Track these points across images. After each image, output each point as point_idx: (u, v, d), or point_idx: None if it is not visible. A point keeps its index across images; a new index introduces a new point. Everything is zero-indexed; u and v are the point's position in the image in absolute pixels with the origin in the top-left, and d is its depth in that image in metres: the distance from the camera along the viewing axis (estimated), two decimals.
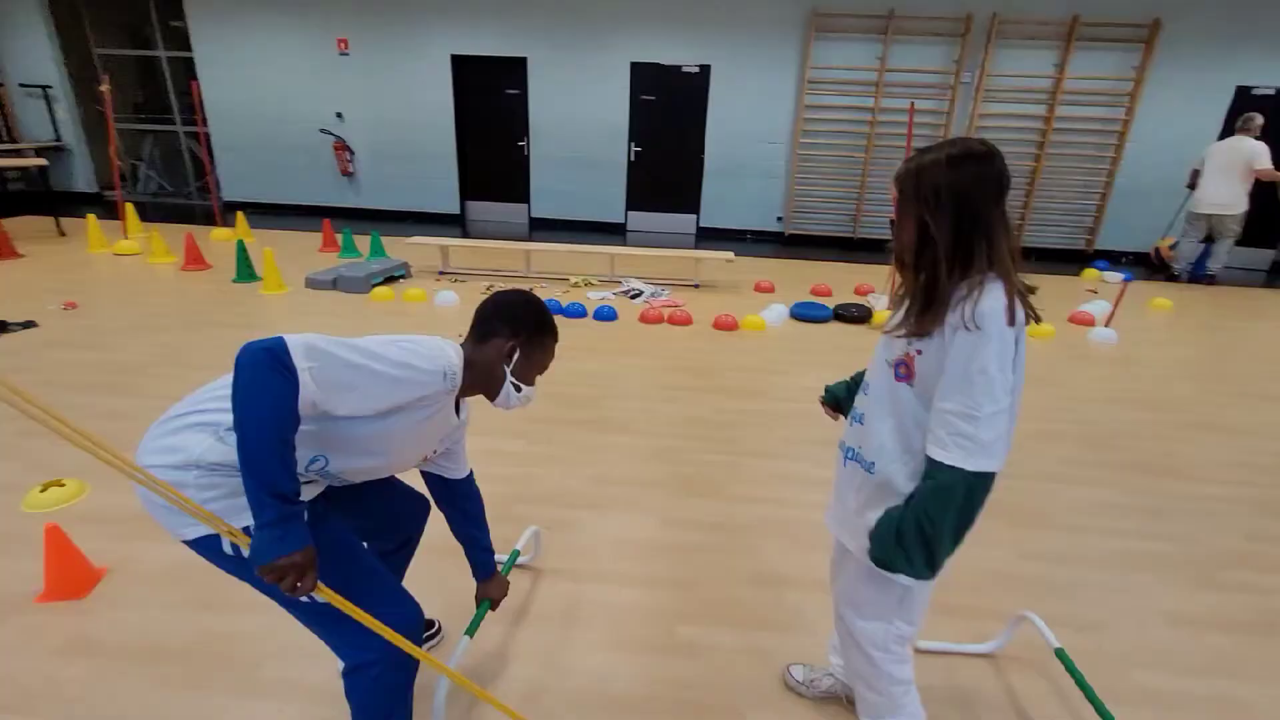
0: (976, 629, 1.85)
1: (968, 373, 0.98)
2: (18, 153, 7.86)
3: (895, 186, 1.09)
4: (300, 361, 0.97)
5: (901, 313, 1.12)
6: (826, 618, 1.87)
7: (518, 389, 1.28)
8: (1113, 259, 7.46)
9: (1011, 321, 0.97)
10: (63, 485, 2.28)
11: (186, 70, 8.29)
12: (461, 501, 1.50)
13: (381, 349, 1.08)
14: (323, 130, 8.02)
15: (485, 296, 1.35)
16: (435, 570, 1.81)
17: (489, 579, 1.55)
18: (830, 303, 5.07)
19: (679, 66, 7.46)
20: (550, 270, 5.79)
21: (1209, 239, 6.56)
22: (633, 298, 5.10)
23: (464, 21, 7.48)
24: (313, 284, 5.06)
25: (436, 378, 1.12)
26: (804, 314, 4.72)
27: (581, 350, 3.99)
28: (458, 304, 4.75)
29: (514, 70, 7.65)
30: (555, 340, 1.35)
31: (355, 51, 7.71)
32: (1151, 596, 2.05)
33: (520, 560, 2.01)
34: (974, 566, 2.13)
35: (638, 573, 2.03)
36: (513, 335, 1.25)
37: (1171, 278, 6.75)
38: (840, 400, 1.44)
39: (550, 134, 7.87)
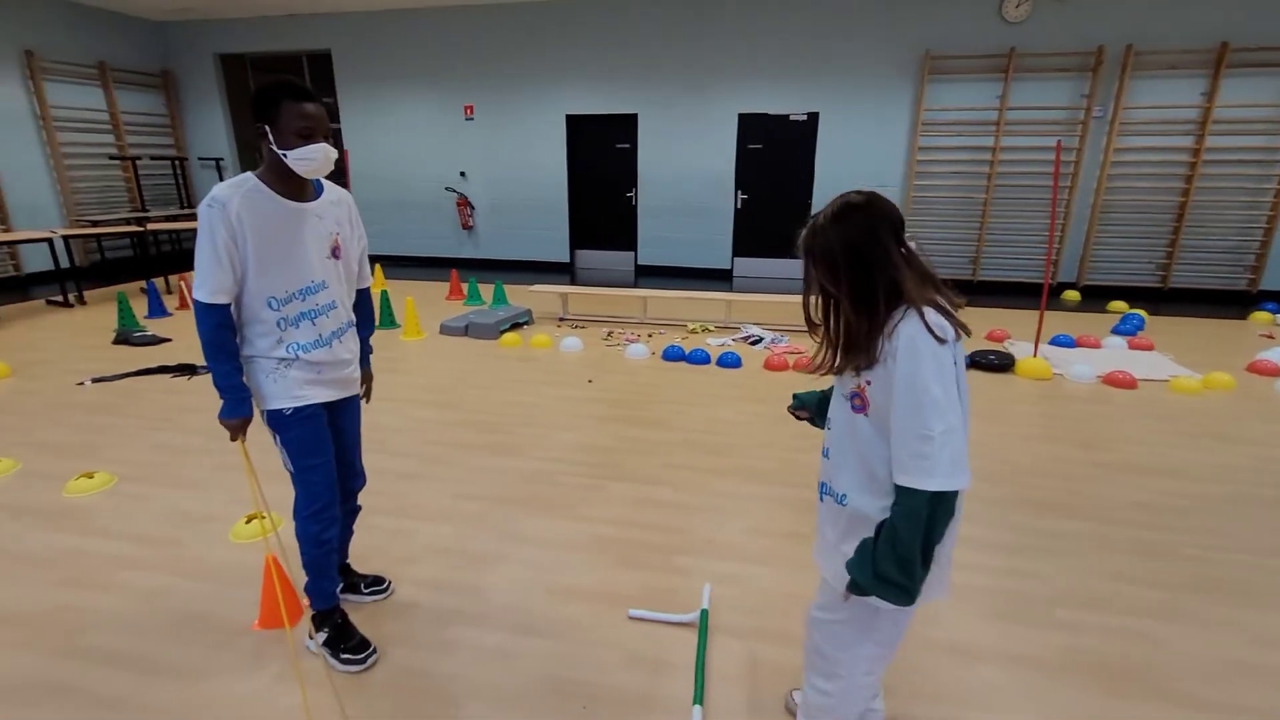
0: None
1: (912, 396, 1.00)
2: (194, 217, 9.01)
3: (798, 252, 1.14)
4: (201, 296, 1.52)
5: (822, 359, 1.17)
6: (1025, 695, 1.70)
7: (285, 155, 1.52)
8: None
9: (939, 339, 1.00)
10: (264, 517, 2.48)
11: (333, 139, 9.27)
12: (360, 304, 1.90)
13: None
14: (448, 188, 8.68)
15: (606, 344, 1.47)
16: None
17: (365, 369, 1.95)
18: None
19: (786, 115, 7.54)
20: (666, 316, 5.87)
21: None
22: (753, 344, 5.07)
23: (579, 84, 7.95)
24: (446, 330, 5.38)
25: (205, 211, 1.49)
26: None
27: (711, 397, 3.97)
28: (582, 349, 4.89)
29: (624, 126, 8.01)
30: (292, 95, 1.50)
31: (479, 115, 8.36)
32: None
33: (688, 618, 1.97)
34: (1203, 654, 1.88)
35: None
36: (256, 121, 1.53)
37: None
38: (810, 406, 1.41)
39: (658, 184, 8.12)
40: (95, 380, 4.15)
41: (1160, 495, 2.78)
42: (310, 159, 1.54)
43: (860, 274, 1.05)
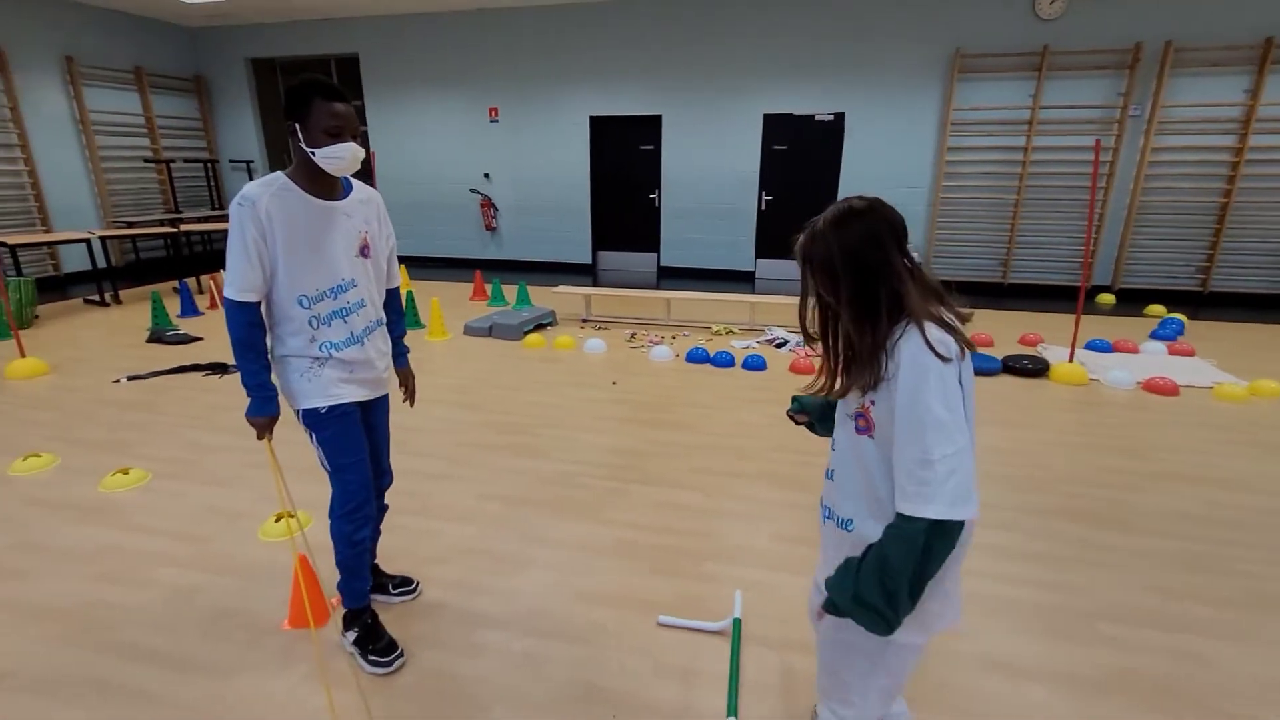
0: None
1: (914, 417, 0.94)
2: (225, 218, 9.19)
3: (796, 259, 1.08)
4: (231, 294, 1.54)
5: (823, 379, 1.12)
6: (1068, 713, 1.63)
7: (313, 153, 1.53)
8: None
9: (943, 357, 0.93)
10: (294, 516, 2.49)
11: (361, 140, 9.40)
12: (390, 305, 1.89)
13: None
14: (472, 190, 8.74)
15: (629, 345, 1.47)
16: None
17: (404, 369, 1.98)
18: (993, 353, 4.69)
19: (812, 115, 7.46)
20: (690, 318, 5.83)
21: None
22: (778, 346, 5.01)
23: (603, 85, 7.95)
24: (470, 331, 5.41)
25: (235, 209, 1.51)
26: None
27: (737, 400, 3.93)
28: (605, 351, 4.87)
29: (648, 127, 7.99)
30: (322, 94, 1.51)
31: (504, 118, 8.40)
32: None
33: (719, 626, 1.94)
34: (1256, 673, 1.80)
35: None
36: (287, 119, 1.55)
37: None
38: (812, 410, 1.31)
39: (681, 186, 8.08)
40: (130, 378, 4.24)
41: (1208, 506, 2.67)
42: (338, 158, 1.55)
43: (861, 284, 0.99)
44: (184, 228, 7.51)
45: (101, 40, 7.86)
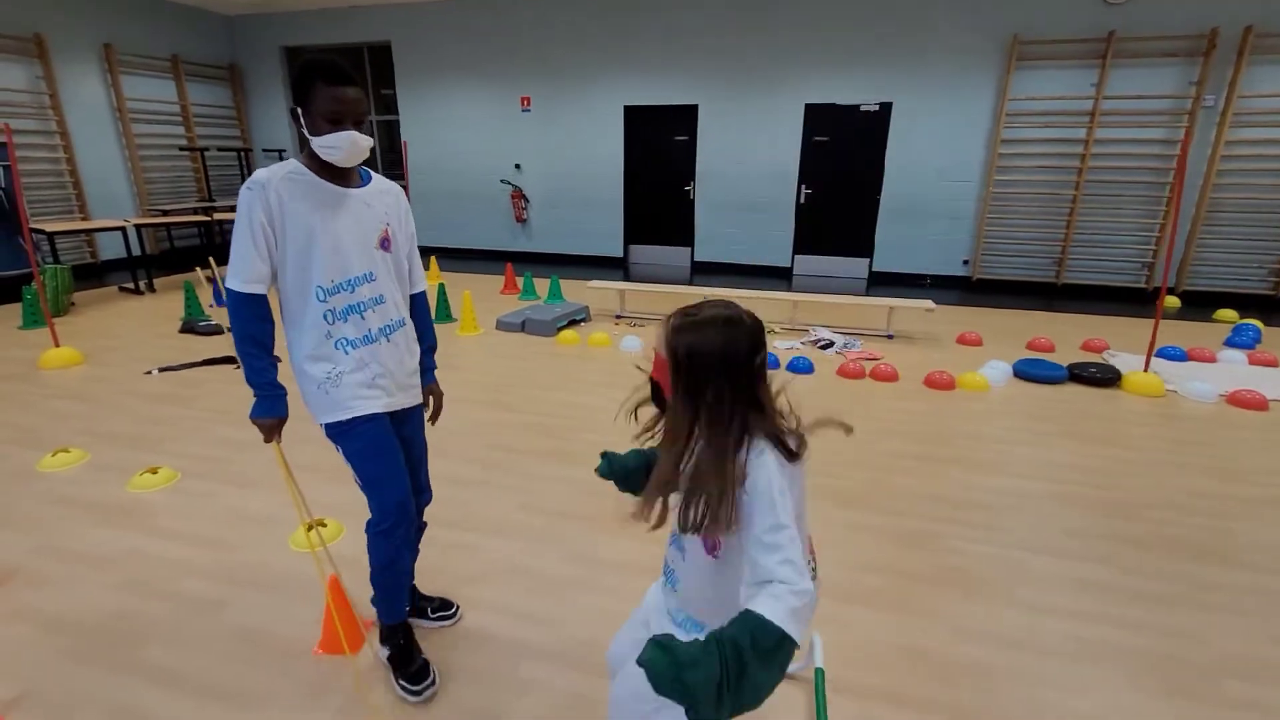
0: None
1: (766, 499, 0.92)
2: None
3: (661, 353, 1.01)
4: (234, 284, 1.40)
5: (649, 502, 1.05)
6: None
7: (310, 141, 1.41)
8: None
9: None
10: (324, 525, 2.36)
11: (388, 131, 9.32)
12: (416, 312, 1.72)
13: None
14: (503, 181, 8.59)
15: None
16: None
17: (430, 385, 1.75)
18: (1056, 359, 4.40)
19: (857, 105, 7.15)
20: None
21: None
22: (823, 348, 4.76)
23: (637, 74, 7.73)
24: (502, 326, 5.26)
25: (244, 194, 1.38)
26: (1032, 373, 4.11)
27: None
28: (643, 349, 4.69)
29: (684, 117, 7.75)
30: (326, 78, 1.36)
31: (536, 107, 8.23)
32: None
33: (796, 668, 1.74)
34: None
35: (942, 700, 1.67)
36: (292, 104, 1.42)
37: None
38: (627, 476, 1.21)
39: (717, 178, 7.84)
40: (161, 370, 4.17)
41: None
42: (334, 147, 1.39)
43: (728, 393, 0.96)
44: (217, 216, 7.49)
45: (140, 28, 7.86)
